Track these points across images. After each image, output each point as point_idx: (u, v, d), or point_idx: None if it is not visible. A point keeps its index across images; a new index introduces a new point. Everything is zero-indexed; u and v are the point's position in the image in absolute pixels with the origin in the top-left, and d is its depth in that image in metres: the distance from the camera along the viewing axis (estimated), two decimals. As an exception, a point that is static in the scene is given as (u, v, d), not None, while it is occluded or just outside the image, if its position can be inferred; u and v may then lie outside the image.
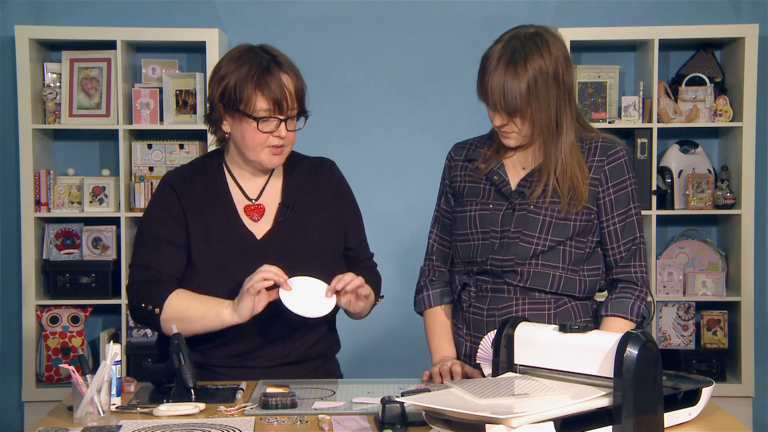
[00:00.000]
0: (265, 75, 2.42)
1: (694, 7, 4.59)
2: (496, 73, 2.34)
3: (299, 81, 2.47)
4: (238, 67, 2.43)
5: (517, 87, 2.32)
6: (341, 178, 2.65)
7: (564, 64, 2.37)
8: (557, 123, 2.37)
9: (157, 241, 2.48)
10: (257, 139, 2.44)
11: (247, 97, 2.41)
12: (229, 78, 2.43)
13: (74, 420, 2.07)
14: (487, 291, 2.46)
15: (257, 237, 2.50)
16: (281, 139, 2.45)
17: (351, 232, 2.62)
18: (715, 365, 4.44)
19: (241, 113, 2.43)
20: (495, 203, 2.46)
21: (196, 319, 2.41)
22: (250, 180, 2.56)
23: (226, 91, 2.44)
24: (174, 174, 2.58)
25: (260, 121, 2.42)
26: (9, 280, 4.54)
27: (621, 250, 2.45)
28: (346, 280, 2.40)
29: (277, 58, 2.46)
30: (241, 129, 2.45)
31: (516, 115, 2.35)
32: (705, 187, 4.45)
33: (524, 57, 2.33)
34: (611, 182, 2.43)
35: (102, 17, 4.51)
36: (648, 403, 1.83)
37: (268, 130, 2.43)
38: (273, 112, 2.42)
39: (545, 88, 2.34)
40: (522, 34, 2.38)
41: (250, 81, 2.41)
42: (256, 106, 2.41)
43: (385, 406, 1.98)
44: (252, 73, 2.42)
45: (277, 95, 2.41)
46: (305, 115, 2.51)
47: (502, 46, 2.37)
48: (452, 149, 2.60)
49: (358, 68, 4.60)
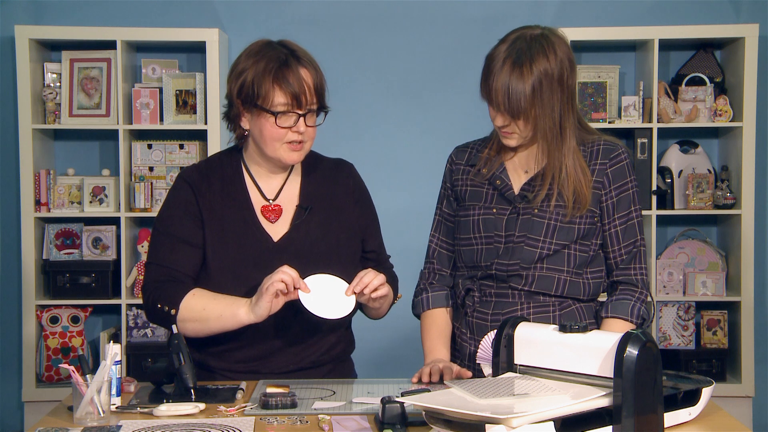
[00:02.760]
0: (283, 69, 2.38)
1: (694, 7, 4.59)
2: (501, 74, 2.33)
3: (318, 75, 2.43)
4: (256, 62, 2.40)
5: (521, 89, 2.31)
6: (360, 181, 2.62)
7: (569, 66, 2.37)
8: (561, 126, 2.37)
9: (173, 240, 2.44)
10: (276, 134, 2.40)
11: (265, 91, 2.38)
12: (247, 73, 2.40)
13: (74, 420, 2.07)
14: (492, 296, 2.45)
15: (274, 239, 2.47)
16: (300, 134, 2.41)
17: (369, 236, 2.59)
18: (715, 365, 4.44)
19: (260, 108, 2.39)
20: (498, 207, 2.45)
21: (213, 319, 2.37)
22: (268, 179, 2.52)
23: (244, 86, 2.40)
24: (191, 171, 2.53)
25: (278, 115, 2.39)
26: (9, 280, 4.54)
27: (622, 252, 2.44)
28: (365, 282, 2.36)
29: (296, 52, 2.43)
30: (260, 125, 2.42)
31: (519, 117, 2.34)
32: (705, 187, 4.45)
33: (530, 59, 2.32)
34: (613, 185, 2.43)
35: (102, 17, 4.51)
36: (648, 403, 1.83)
37: (286, 125, 2.40)
38: (291, 107, 2.39)
39: (549, 91, 2.33)
40: (528, 35, 2.37)
41: (268, 75, 2.38)
42: (274, 100, 2.38)
43: (385, 406, 1.98)
44: (270, 68, 2.38)
45: (296, 89, 2.38)
46: (325, 110, 2.47)
47: (507, 47, 2.35)
48: (453, 152, 2.59)
49: (358, 68, 4.60)
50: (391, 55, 4.63)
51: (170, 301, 2.39)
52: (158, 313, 2.41)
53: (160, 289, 2.41)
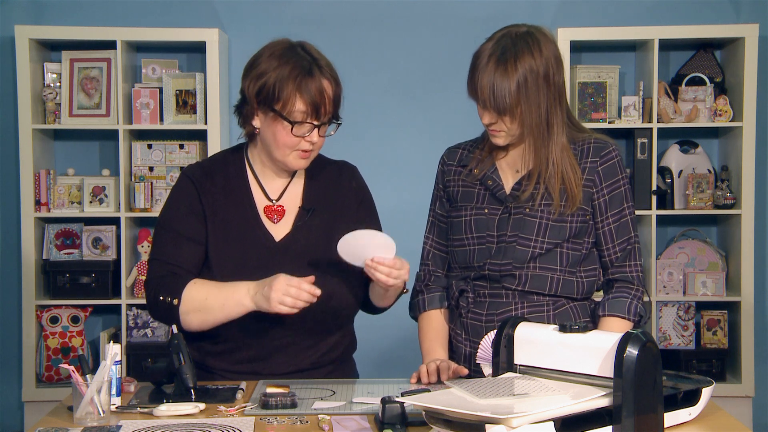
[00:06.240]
0: (307, 78, 2.37)
1: (694, 7, 4.59)
2: (486, 71, 2.34)
3: (338, 87, 2.44)
4: (280, 66, 2.38)
5: (506, 86, 2.32)
6: (362, 183, 2.62)
7: (555, 64, 2.37)
8: (548, 123, 2.37)
9: (176, 237, 2.44)
10: (289, 142, 2.40)
11: (286, 97, 2.37)
12: (269, 75, 2.38)
13: (74, 420, 2.07)
14: (485, 296, 2.45)
15: (276, 239, 2.47)
16: (312, 144, 2.41)
17: None
18: (715, 365, 4.44)
19: (277, 113, 2.38)
20: (490, 208, 2.45)
21: (217, 308, 2.36)
22: (272, 179, 2.52)
23: (264, 88, 2.38)
24: (195, 168, 2.53)
25: (295, 124, 2.38)
26: (9, 280, 4.54)
27: (616, 250, 2.45)
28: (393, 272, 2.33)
29: (319, 61, 2.42)
30: (273, 129, 2.40)
31: (505, 114, 2.35)
32: (705, 187, 4.45)
33: (514, 56, 2.33)
34: (605, 183, 2.43)
35: (102, 17, 4.51)
36: (648, 403, 1.83)
37: (301, 134, 2.39)
38: (309, 117, 2.38)
39: (535, 88, 2.34)
40: (513, 32, 2.38)
41: (291, 82, 2.37)
42: (294, 108, 2.37)
43: (385, 406, 1.98)
44: (294, 74, 2.37)
45: (316, 100, 2.38)
46: (338, 122, 2.46)
47: (493, 44, 2.37)
48: (445, 153, 2.59)
49: (358, 68, 4.60)
50: (391, 55, 4.63)
51: (172, 292, 2.38)
52: (161, 306, 2.40)
53: (162, 284, 2.41)
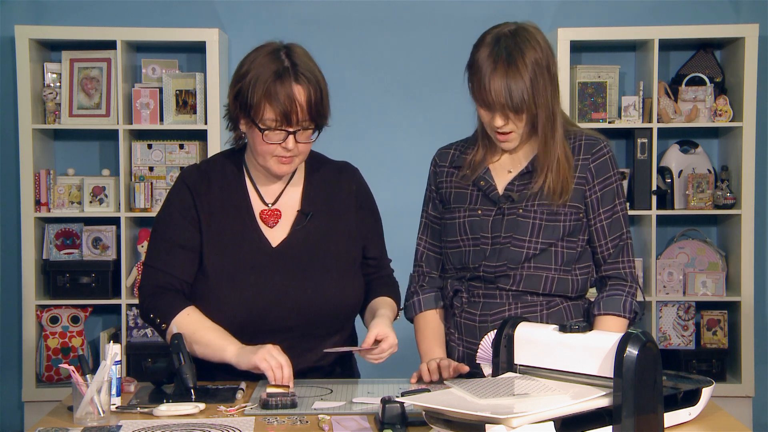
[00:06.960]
0: (275, 85, 2.31)
1: (694, 7, 4.59)
2: (496, 75, 2.32)
3: (316, 92, 2.33)
4: (255, 71, 2.34)
5: (521, 84, 2.32)
6: (363, 185, 2.58)
7: (550, 54, 2.39)
8: (553, 114, 2.38)
9: (170, 244, 2.43)
10: (264, 148, 2.36)
11: (256, 104, 2.32)
12: (244, 81, 2.35)
13: (74, 420, 2.07)
14: (480, 296, 2.45)
15: (272, 244, 2.44)
16: (288, 150, 2.36)
17: (370, 242, 2.56)
18: (715, 365, 4.44)
19: (250, 120, 2.35)
20: (483, 209, 2.45)
21: (201, 345, 2.36)
22: (268, 183, 2.48)
23: (240, 93, 2.36)
24: (191, 171, 2.50)
25: (265, 131, 2.34)
26: (9, 280, 4.54)
27: (609, 246, 2.45)
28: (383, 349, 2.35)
29: (297, 66, 2.34)
30: (251, 135, 2.38)
31: (522, 112, 2.34)
32: (705, 187, 4.45)
33: (521, 54, 2.33)
34: (597, 179, 2.43)
35: (102, 17, 4.51)
36: (648, 403, 1.83)
37: (274, 141, 2.35)
38: (280, 124, 2.33)
39: (542, 80, 2.35)
40: (507, 32, 2.38)
41: (260, 89, 2.32)
42: (264, 115, 2.33)
43: (385, 406, 1.98)
44: (263, 81, 2.32)
45: (286, 107, 2.31)
46: (320, 127, 2.38)
47: (490, 48, 2.36)
48: (436, 155, 2.59)
49: (357, 68, 4.60)
50: (391, 55, 4.63)
51: (163, 315, 2.39)
52: (150, 321, 2.43)
53: (155, 299, 2.41)
